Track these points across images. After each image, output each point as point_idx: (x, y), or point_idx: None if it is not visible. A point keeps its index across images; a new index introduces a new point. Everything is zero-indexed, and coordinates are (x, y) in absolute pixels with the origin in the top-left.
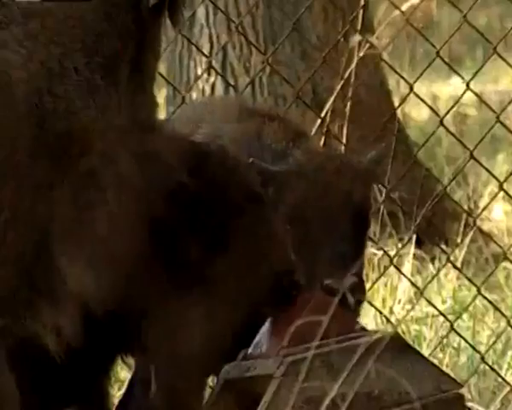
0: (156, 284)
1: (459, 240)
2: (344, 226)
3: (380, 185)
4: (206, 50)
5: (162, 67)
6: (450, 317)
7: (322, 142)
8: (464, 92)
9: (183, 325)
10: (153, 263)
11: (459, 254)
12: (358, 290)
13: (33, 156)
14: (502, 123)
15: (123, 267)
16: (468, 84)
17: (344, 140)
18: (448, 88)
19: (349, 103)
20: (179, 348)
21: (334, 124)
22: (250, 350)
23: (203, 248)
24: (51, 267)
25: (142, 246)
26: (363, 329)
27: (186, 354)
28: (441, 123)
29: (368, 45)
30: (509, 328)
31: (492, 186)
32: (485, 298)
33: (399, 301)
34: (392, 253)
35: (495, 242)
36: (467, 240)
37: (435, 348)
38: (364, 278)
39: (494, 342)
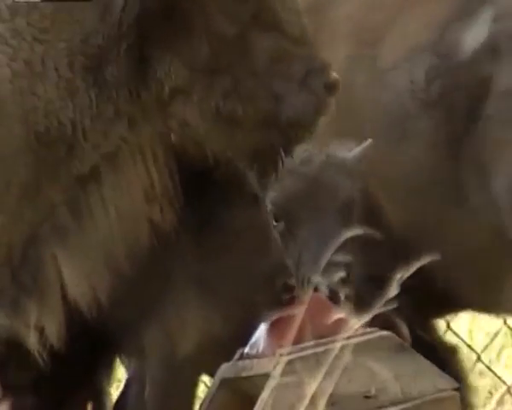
0: (151, 285)
1: None
2: (331, 220)
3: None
4: None
5: None
6: (447, 316)
7: None
8: None
9: (178, 326)
10: (149, 264)
11: None
12: (347, 284)
13: (18, 155)
14: None
15: (117, 269)
16: None
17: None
18: None
19: None
20: (173, 348)
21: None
22: (247, 350)
23: (199, 249)
24: (41, 268)
25: (138, 247)
26: (360, 326)
27: (180, 354)
28: None
29: None
30: (505, 328)
31: None
32: None
33: None
34: None
35: None
36: None
37: None
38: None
39: (490, 342)
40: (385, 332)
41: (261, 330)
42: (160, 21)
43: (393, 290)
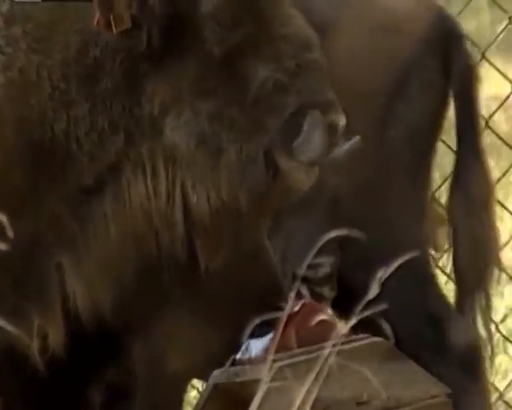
0: (143, 300)
1: (447, 245)
2: (316, 216)
3: None
4: None
5: None
6: None
7: None
8: None
9: (167, 343)
10: (144, 279)
11: (447, 260)
12: (329, 281)
13: (13, 162)
14: (490, 128)
15: (119, 281)
16: None
17: None
18: None
19: None
20: (162, 365)
21: None
22: (239, 356)
23: (193, 266)
24: (44, 276)
25: (136, 262)
26: (350, 331)
27: (169, 371)
28: None
29: None
30: (497, 333)
31: None
32: None
33: None
34: None
35: None
36: None
37: None
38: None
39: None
40: (376, 338)
41: (253, 336)
42: (153, 37)
43: (374, 291)
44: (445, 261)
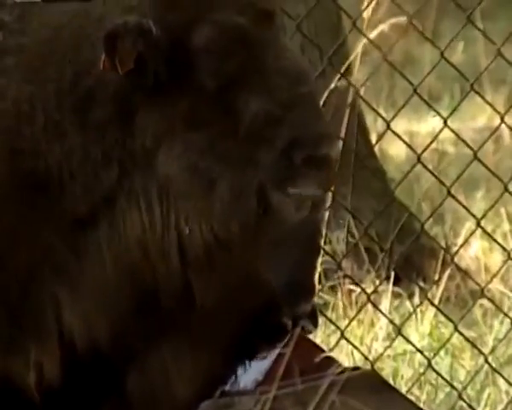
0: (139, 330)
1: (437, 277)
2: (294, 253)
3: (357, 221)
4: None
5: None
6: (428, 354)
7: None
8: (442, 129)
9: (161, 373)
10: (138, 310)
11: (437, 291)
12: (314, 317)
13: (6, 196)
14: (479, 160)
15: (114, 311)
16: (445, 122)
17: None
18: (426, 125)
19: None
20: (156, 394)
21: None
22: (228, 387)
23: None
24: (40, 307)
25: (132, 294)
26: (336, 361)
27: (164, 401)
28: (419, 160)
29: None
30: (486, 365)
31: (470, 223)
32: (462, 335)
33: (377, 338)
34: (369, 290)
35: (472, 279)
36: (444, 277)
37: (413, 385)
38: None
39: (471, 380)
40: (366, 370)
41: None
42: (160, 73)
43: None
44: (435, 292)
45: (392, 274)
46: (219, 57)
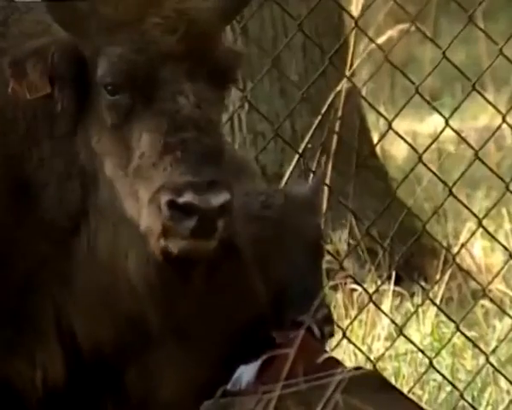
0: (137, 334)
1: (438, 277)
2: (300, 260)
3: (359, 221)
4: None
5: None
6: (430, 354)
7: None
8: (443, 129)
9: (158, 373)
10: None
11: (438, 291)
12: (329, 321)
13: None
14: (481, 160)
15: (115, 314)
16: (447, 121)
17: (328, 180)
18: (427, 125)
19: (335, 139)
20: (153, 394)
21: (313, 160)
22: (229, 387)
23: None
24: (40, 310)
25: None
26: (341, 364)
27: (160, 400)
28: (420, 160)
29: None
30: (487, 365)
31: (471, 223)
32: (463, 335)
33: (378, 338)
34: (371, 290)
35: (474, 279)
36: (446, 277)
37: (414, 385)
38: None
39: (473, 379)
40: (368, 370)
41: (243, 367)
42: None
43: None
44: (436, 292)
45: (394, 274)
46: (113, 90)
